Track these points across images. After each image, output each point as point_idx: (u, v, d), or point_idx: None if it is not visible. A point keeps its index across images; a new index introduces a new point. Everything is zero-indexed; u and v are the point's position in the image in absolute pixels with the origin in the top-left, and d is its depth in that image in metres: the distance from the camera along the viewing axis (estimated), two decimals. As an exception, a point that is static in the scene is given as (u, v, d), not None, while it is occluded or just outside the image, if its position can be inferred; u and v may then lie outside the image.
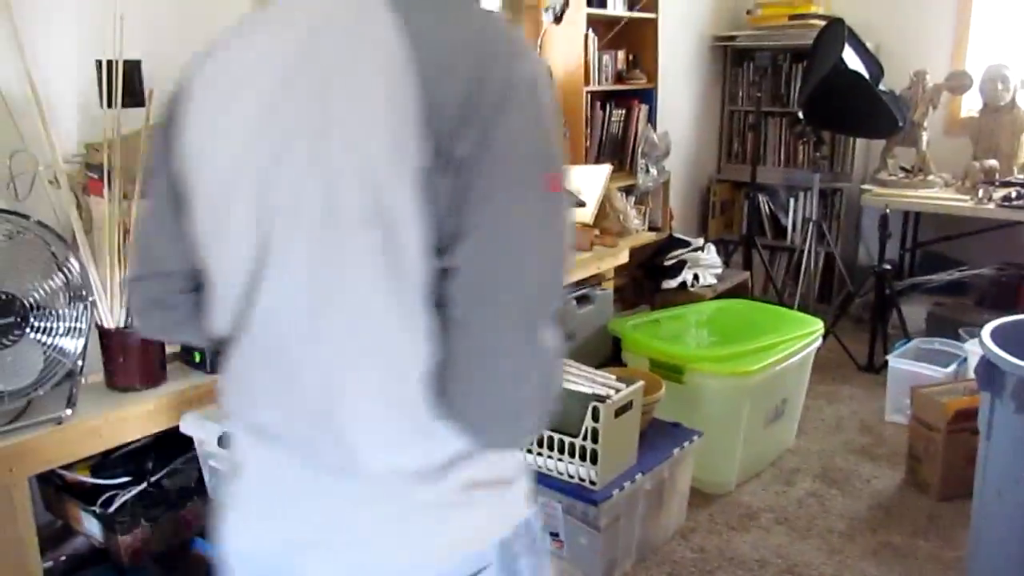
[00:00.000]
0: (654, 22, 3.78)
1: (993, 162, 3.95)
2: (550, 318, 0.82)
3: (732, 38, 4.60)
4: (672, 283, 3.59)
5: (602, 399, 2.16)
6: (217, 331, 0.95)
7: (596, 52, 3.48)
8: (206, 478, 1.80)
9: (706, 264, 3.77)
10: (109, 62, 1.70)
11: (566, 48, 3.40)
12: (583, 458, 2.21)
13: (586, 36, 3.38)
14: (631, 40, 3.81)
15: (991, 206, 3.72)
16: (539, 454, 2.29)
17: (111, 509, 1.79)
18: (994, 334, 2.13)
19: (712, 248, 3.94)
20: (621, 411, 2.21)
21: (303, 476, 0.90)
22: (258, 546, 0.96)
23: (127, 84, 1.78)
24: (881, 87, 3.81)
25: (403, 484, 0.87)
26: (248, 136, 0.85)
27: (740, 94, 4.71)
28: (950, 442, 2.72)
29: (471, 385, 0.81)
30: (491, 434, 0.85)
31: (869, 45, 3.97)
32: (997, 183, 3.85)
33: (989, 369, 2.02)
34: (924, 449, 2.82)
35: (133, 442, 1.81)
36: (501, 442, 0.89)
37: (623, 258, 3.11)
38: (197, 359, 1.82)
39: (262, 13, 0.92)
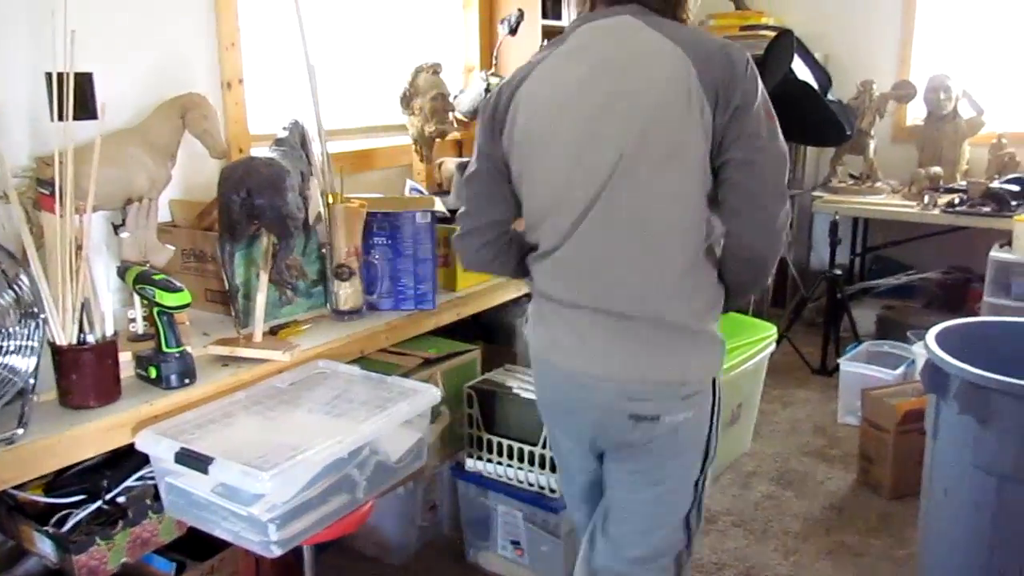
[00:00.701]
0: (608, 33, 3.82)
1: (937, 169, 4.06)
2: (785, 189, 1.43)
3: (685, 49, 4.65)
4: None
5: (561, 407, 2.18)
6: (541, 249, 1.53)
7: (551, 63, 3.52)
8: (162, 495, 1.78)
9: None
10: (60, 75, 1.68)
11: (522, 59, 3.40)
12: (543, 466, 2.23)
13: (541, 48, 3.40)
14: (586, 51, 3.85)
15: (936, 212, 3.82)
16: (499, 463, 2.31)
17: (65, 528, 1.76)
18: (939, 337, 2.19)
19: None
20: (580, 419, 2.23)
21: (600, 324, 1.46)
22: (568, 365, 1.51)
23: (79, 97, 1.76)
24: (830, 97, 3.90)
25: (662, 330, 1.44)
26: (580, 122, 1.41)
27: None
28: (900, 443, 2.79)
29: (755, 219, 1.42)
30: (768, 250, 1.45)
31: (818, 56, 4.06)
32: (941, 189, 3.96)
33: (934, 372, 2.08)
34: (875, 450, 2.89)
35: (88, 460, 1.79)
36: (770, 256, 1.47)
37: (581, 267, 3.14)
38: (153, 375, 1.80)
39: (561, 45, 1.49)
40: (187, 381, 1.81)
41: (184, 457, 1.61)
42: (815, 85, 3.79)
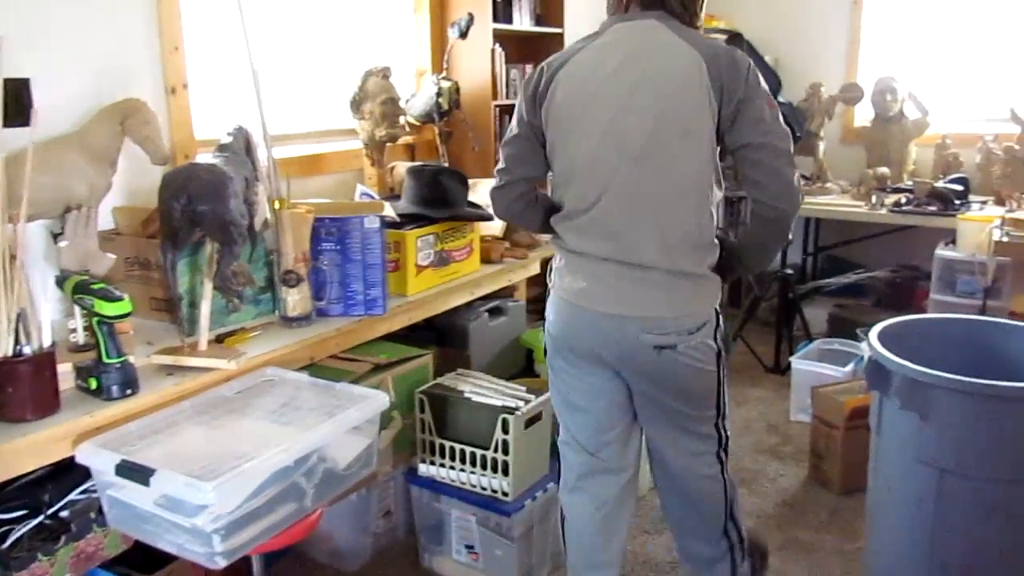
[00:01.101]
0: (560, 36, 3.85)
1: (885, 169, 4.14)
2: (792, 157, 1.73)
3: (638, 52, 4.70)
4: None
5: (511, 410, 2.19)
6: (568, 208, 1.81)
7: (504, 67, 3.52)
8: (105, 508, 1.75)
9: (617, 273, 3.83)
10: (-8, 81, 1.64)
11: (473, 63, 3.43)
12: (495, 470, 2.23)
13: (493, 51, 3.41)
14: (539, 54, 3.85)
15: (884, 211, 3.90)
16: (452, 468, 2.31)
17: (6, 545, 1.73)
18: (882, 335, 2.23)
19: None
20: (531, 422, 2.24)
21: (624, 274, 1.76)
22: (599, 308, 1.79)
23: (12, 103, 1.73)
24: (780, 99, 3.96)
25: (674, 278, 1.75)
26: (611, 102, 1.72)
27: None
28: (848, 438, 2.84)
29: (776, 186, 1.72)
30: (790, 206, 1.75)
31: (768, 59, 4.13)
32: (889, 189, 4.04)
33: (876, 369, 2.11)
34: (825, 446, 2.93)
35: (28, 474, 1.75)
36: (791, 211, 1.76)
37: (534, 269, 3.14)
38: (93, 386, 1.76)
39: (596, 39, 1.79)
40: (129, 391, 1.78)
41: (125, 469, 1.59)
42: (765, 88, 3.85)
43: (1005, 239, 3.20)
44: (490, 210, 2.86)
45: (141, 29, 2.39)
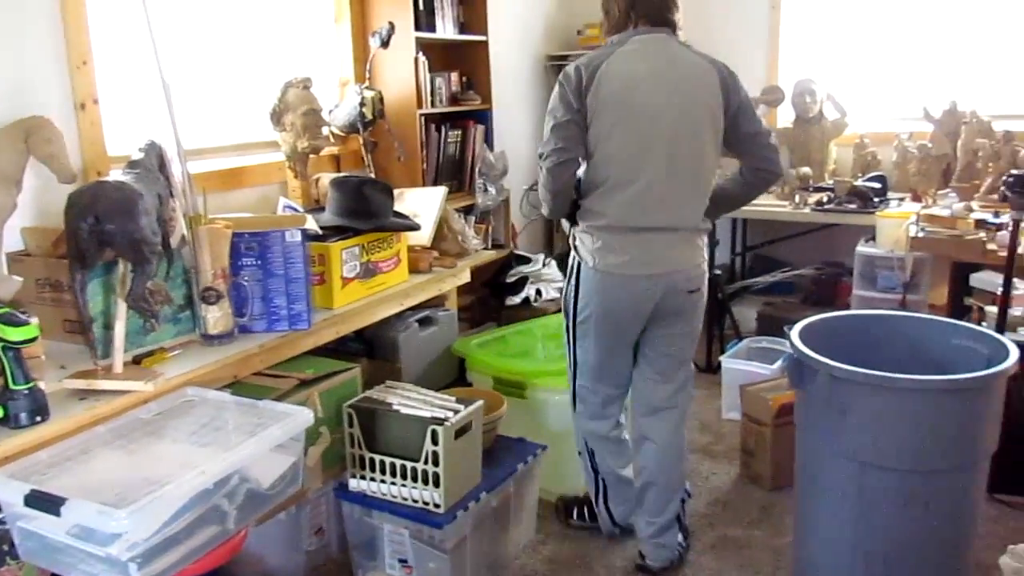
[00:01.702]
0: (485, 44, 3.85)
1: (807, 169, 4.23)
2: (771, 136, 2.38)
3: (564, 58, 4.74)
4: (516, 299, 3.65)
5: (440, 422, 2.17)
6: (614, 181, 2.25)
7: (428, 75, 3.51)
8: (16, 540, 1.68)
9: (548, 279, 3.86)
10: None
11: (397, 72, 3.41)
12: (426, 482, 2.21)
13: (416, 59, 3.39)
14: (464, 62, 3.87)
15: (807, 210, 3.99)
16: (382, 481, 2.28)
17: (-91, 584, 1.65)
18: (804, 332, 2.28)
19: (554, 263, 4.03)
20: (461, 432, 2.23)
21: (669, 236, 2.28)
22: (641, 272, 2.27)
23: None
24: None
25: (692, 234, 2.31)
26: (655, 98, 2.20)
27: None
28: (777, 435, 2.89)
29: (776, 156, 2.40)
30: (779, 167, 2.41)
31: (690, 63, 4.18)
32: (811, 189, 4.14)
33: (798, 366, 2.16)
34: (755, 443, 2.98)
35: (-68, 508, 1.68)
36: (780, 170, 2.44)
37: (464, 278, 3.13)
38: (1, 414, 1.70)
39: (620, 47, 2.25)
40: (39, 419, 1.72)
41: (34, 499, 1.53)
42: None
43: (921, 235, 3.30)
44: (418, 220, 2.85)
45: (47, 42, 2.31)
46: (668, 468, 2.51)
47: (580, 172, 2.33)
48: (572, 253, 2.41)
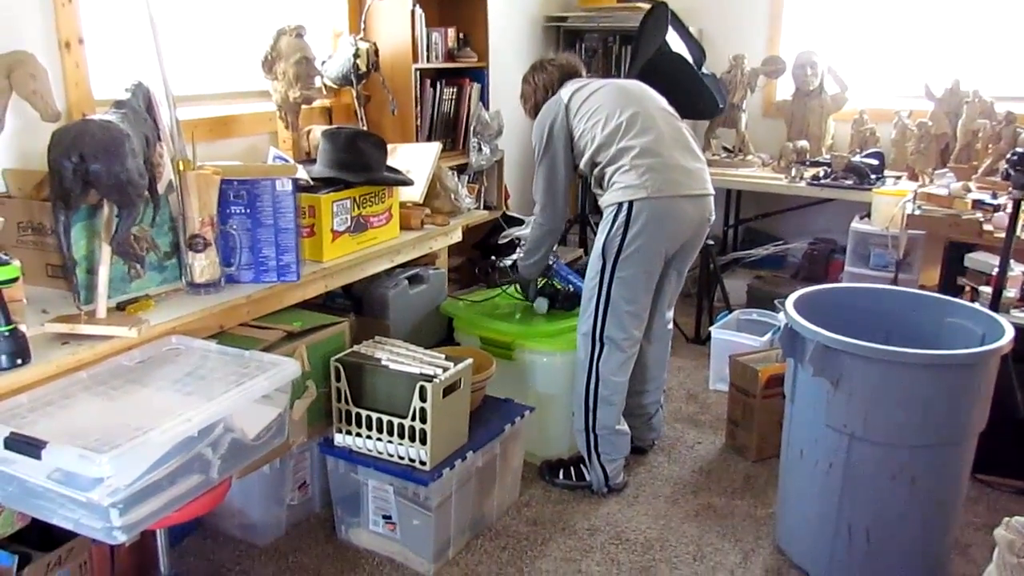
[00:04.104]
0: (484, 1, 3.77)
1: (804, 143, 4.20)
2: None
3: (563, 19, 4.67)
4: (507, 261, 3.61)
5: (429, 378, 2.15)
6: (639, 147, 2.53)
7: (424, 29, 3.43)
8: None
9: (540, 242, 3.80)
10: None
11: (392, 25, 3.33)
12: (412, 439, 2.19)
13: (413, 13, 3.32)
14: (461, 18, 3.79)
15: (802, 184, 3.96)
16: (368, 437, 2.26)
17: None
18: (797, 303, 2.27)
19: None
20: (449, 390, 2.20)
21: (689, 165, 2.61)
22: (681, 189, 2.55)
23: None
24: (704, 70, 3.96)
25: (701, 164, 2.68)
26: (633, 92, 2.71)
27: (573, 75, 4.78)
28: (764, 406, 2.88)
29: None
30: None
31: (692, 30, 4.12)
32: (807, 163, 4.10)
33: (791, 336, 2.14)
34: (741, 414, 2.98)
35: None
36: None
37: (456, 237, 3.09)
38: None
39: (585, 87, 2.70)
40: (20, 361, 1.68)
41: (14, 442, 1.50)
42: (689, 58, 3.85)
43: (917, 213, 3.28)
44: (411, 176, 2.80)
45: None
46: (658, 377, 2.94)
47: (582, 165, 2.65)
48: (609, 205, 2.55)
